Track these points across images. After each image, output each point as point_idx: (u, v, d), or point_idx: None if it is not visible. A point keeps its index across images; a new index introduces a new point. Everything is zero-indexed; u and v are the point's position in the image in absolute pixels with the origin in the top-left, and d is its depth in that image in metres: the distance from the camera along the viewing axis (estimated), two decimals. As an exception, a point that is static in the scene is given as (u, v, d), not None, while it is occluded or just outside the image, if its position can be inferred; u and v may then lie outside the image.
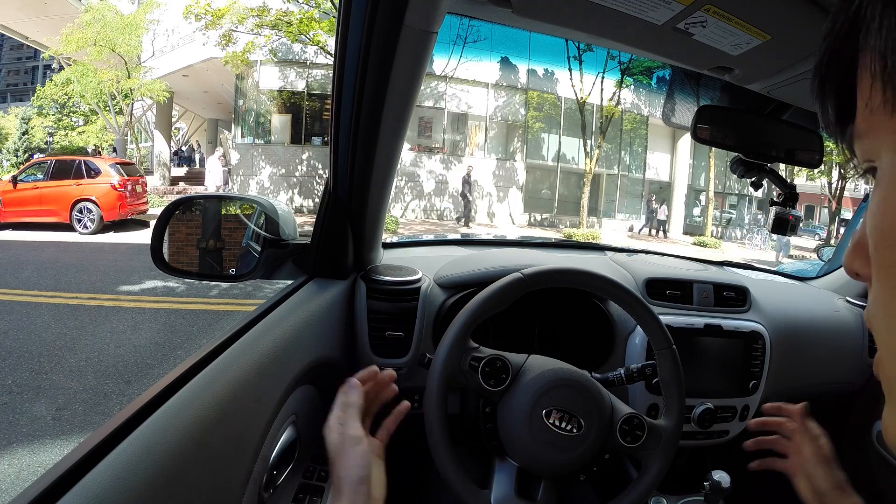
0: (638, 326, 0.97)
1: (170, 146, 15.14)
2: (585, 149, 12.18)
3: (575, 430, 0.65)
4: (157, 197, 10.84)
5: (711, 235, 13.36)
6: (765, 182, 0.86)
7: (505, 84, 13.15)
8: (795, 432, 0.66)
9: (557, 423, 0.65)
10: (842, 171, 11.47)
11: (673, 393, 0.72)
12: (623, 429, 0.68)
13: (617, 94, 12.05)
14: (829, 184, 12.62)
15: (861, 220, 0.24)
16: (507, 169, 13.30)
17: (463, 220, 11.45)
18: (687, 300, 1.04)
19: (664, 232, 13.28)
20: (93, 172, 8.15)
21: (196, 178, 15.21)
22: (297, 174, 12.36)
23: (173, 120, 16.72)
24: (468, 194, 11.41)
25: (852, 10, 0.22)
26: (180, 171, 16.03)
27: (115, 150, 14.31)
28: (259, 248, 0.85)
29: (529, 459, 0.66)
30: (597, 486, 0.88)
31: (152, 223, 1.13)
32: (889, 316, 0.21)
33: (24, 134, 17.47)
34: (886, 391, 0.22)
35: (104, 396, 2.66)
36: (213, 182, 9.43)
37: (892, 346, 0.21)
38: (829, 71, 0.24)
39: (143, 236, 7.67)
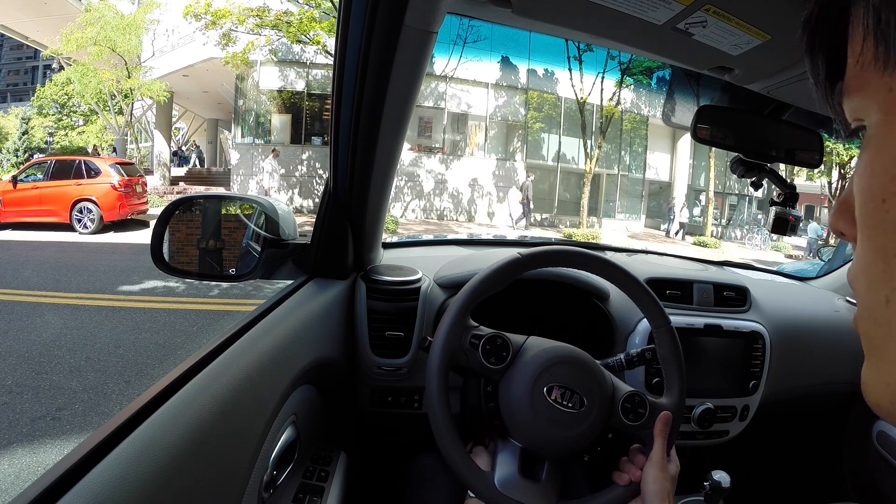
0: (638, 325, 0.97)
1: (170, 146, 15.14)
2: (585, 149, 12.17)
3: (577, 407, 0.65)
4: (157, 197, 10.84)
5: (711, 235, 13.36)
6: (765, 182, 0.86)
7: (505, 84, 13.15)
8: (657, 435, 0.67)
9: (559, 400, 0.64)
10: (842, 171, 11.47)
11: (673, 370, 0.72)
12: (625, 406, 0.67)
13: (617, 94, 12.04)
14: (829, 184, 12.61)
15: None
16: (507, 169, 13.30)
17: (523, 222, 12.15)
18: (687, 300, 1.04)
19: (677, 233, 13.35)
20: (93, 172, 8.15)
21: (196, 178, 15.21)
22: (297, 174, 12.36)
23: (173, 120, 16.72)
24: (528, 200, 12.14)
25: None
26: (180, 171, 16.03)
27: (114, 150, 14.32)
28: (259, 248, 0.85)
29: (532, 438, 0.66)
30: (599, 471, 0.87)
31: (152, 223, 1.13)
32: (868, 274, 0.21)
33: (24, 134, 17.49)
34: (864, 347, 0.23)
35: (104, 396, 2.66)
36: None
37: (869, 304, 0.21)
38: (818, 24, 0.23)
39: (143, 236, 7.67)
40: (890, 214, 0.19)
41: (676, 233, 13.41)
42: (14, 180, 8.15)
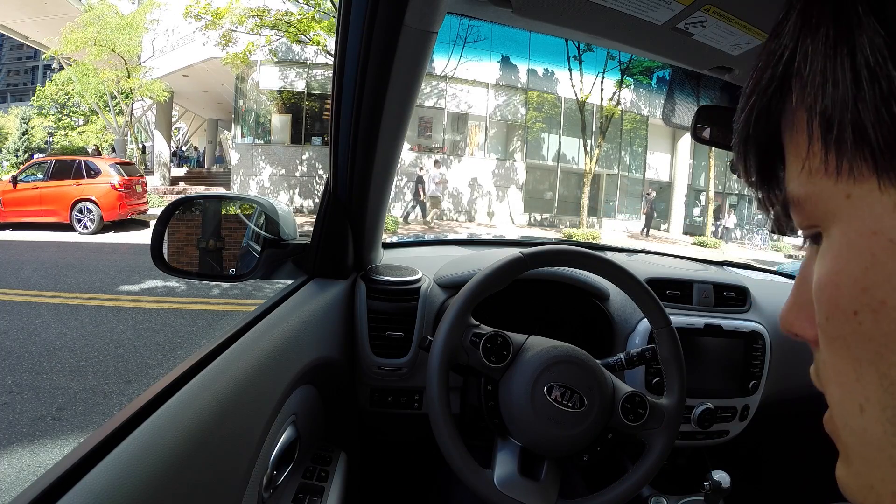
0: (638, 325, 0.97)
1: (170, 146, 15.14)
2: (585, 149, 12.17)
3: (577, 407, 0.65)
4: (157, 197, 10.84)
5: (711, 235, 13.36)
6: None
7: (505, 84, 13.14)
8: None
9: (559, 399, 0.64)
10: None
11: (673, 371, 0.72)
12: (625, 407, 0.67)
13: (617, 94, 12.03)
14: (829, 184, 12.57)
15: (798, 279, 0.24)
16: (507, 169, 13.30)
17: (646, 230, 13.05)
18: (687, 300, 1.04)
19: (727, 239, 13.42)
20: (93, 172, 8.14)
21: (196, 178, 15.22)
22: (297, 174, 12.35)
23: (173, 120, 16.72)
24: (651, 211, 13.11)
25: (783, 64, 0.20)
26: (180, 171, 16.04)
27: (113, 149, 14.31)
28: (259, 248, 0.85)
29: (532, 437, 0.66)
30: (599, 471, 0.88)
31: (152, 223, 1.13)
32: (843, 385, 0.20)
33: (24, 134, 17.51)
34: (839, 447, 0.22)
35: (104, 396, 2.66)
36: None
37: (842, 412, 0.21)
38: (755, 130, 0.22)
39: (143, 236, 7.67)
40: (864, 326, 0.18)
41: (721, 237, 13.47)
42: (14, 180, 8.14)
